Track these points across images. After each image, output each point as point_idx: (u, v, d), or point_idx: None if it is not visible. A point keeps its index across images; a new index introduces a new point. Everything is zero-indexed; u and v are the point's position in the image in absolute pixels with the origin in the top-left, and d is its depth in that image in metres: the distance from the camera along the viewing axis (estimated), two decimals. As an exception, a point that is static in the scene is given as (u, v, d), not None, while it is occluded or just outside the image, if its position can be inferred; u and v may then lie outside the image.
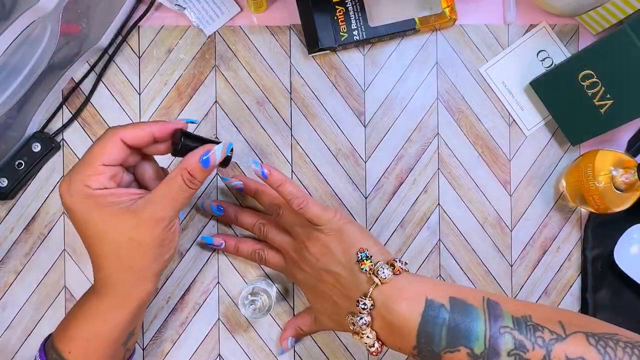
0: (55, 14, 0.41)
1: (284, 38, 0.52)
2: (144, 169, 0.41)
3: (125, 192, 0.37)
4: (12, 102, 0.44)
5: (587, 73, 0.47)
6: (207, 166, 0.37)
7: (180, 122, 0.39)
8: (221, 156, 0.38)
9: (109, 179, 0.37)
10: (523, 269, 0.53)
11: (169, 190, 0.37)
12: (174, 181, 0.37)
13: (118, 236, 0.36)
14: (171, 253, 0.40)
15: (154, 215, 0.36)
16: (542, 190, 0.53)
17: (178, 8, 0.50)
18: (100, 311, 0.39)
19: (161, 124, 0.38)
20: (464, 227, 0.53)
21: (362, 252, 0.42)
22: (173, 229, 0.39)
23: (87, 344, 0.39)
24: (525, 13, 0.53)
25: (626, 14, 0.47)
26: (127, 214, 0.36)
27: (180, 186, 0.37)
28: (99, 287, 0.39)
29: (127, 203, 0.36)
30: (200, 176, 0.37)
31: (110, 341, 0.39)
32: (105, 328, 0.39)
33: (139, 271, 0.38)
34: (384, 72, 0.53)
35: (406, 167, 0.53)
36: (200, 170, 0.37)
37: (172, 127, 0.39)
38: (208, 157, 0.37)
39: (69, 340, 0.39)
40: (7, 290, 0.51)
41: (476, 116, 0.53)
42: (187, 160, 0.37)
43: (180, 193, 0.37)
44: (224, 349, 0.52)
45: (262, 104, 0.52)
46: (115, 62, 0.52)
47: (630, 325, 0.53)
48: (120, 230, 0.36)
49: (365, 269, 0.41)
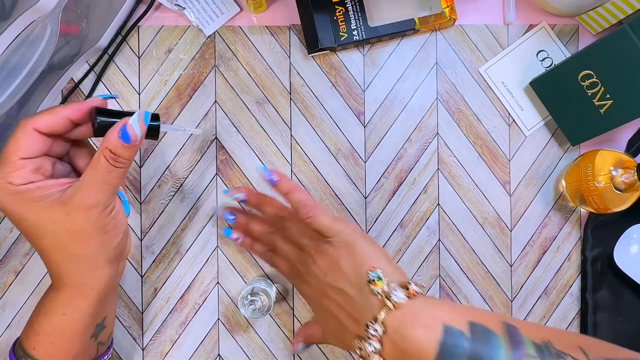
0: (55, 14, 0.41)
1: (283, 38, 0.52)
2: (78, 156, 0.39)
3: (53, 184, 0.35)
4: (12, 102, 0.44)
5: (587, 73, 0.47)
6: (129, 141, 0.34)
7: (96, 100, 0.37)
8: (140, 127, 0.35)
9: (33, 172, 0.35)
10: (523, 269, 0.53)
11: (94, 174, 0.35)
12: (98, 163, 0.34)
13: (55, 228, 0.35)
14: (120, 237, 0.38)
15: (84, 202, 0.35)
16: (542, 190, 0.53)
17: (178, 8, 0.50)
18: (58, 305, 0.38)
19: (74, 105, 0.36)
20: (463, 227, 0.53)
21: (374, 272, 0.38)
22: (113, 212, 0.37)
23: (50, 339, 0.38)
24: (525, 13, 0.53)
25: (626, 14, 0.47)
26: (57, 205, 0.34)
27: (105, 167, 0.34)
28: (54, 281, 0.38)
29: (56, 195, 0.35)
30: (125, 153, 0.35)
31: (74, 334, 0.39)
32: (67, 321, 0.38)
33: (87, 260, 0.37)
34: (383, 72, 0.53)
35: (406, 167, 0.53)
36: (122, 146, 0.34)
37: (87, 107, 0.36)
38: (126, 131, 0.34)
39: (33, 336, 0.39)
40: (7, 290, 0.51)
41: (476, 116, 0.53)
42: (106, 139, 0.34)
43: (107, 175, 0.35)
44: (224, 349, 0.52)
45: (262, 104, 0.52)
46: (115, 62, 0.52)
47: (630, 325, 0.53)
48: (55, 223, 0.35)
49: (377, 291, 0.37)
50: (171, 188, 0.52)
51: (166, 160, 0.52)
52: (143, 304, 0.52)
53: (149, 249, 0.52)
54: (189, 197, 0.52)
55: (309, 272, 0.42)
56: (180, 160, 0.52)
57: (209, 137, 0.52)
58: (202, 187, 0.52)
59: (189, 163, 0.52)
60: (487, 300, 0.53)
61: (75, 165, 0.39)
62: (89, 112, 0.36)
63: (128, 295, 0.52)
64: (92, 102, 0.36)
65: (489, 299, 0.53)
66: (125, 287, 0.52)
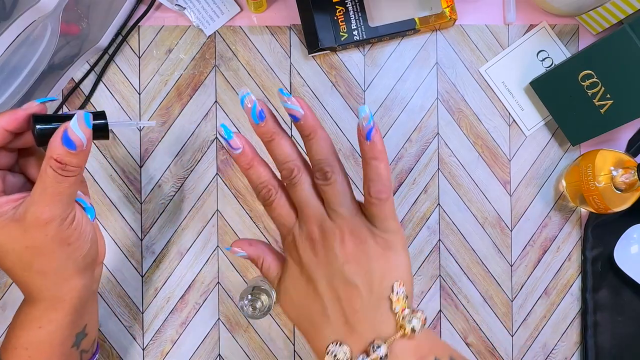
0: (55, 14, 0.41)
1: (284, 38, 0.52)
2: (29, 165, 0.36)
3: (5, 201, 0.33)
4: (12, 101, 0.44)
5: (587, 73, 0.47)
6: (74, 147, 0.30)
7: (32, 106, 0.33)
8: (82, 130, 0.31)
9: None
10: (523, 269, 0.53)
11: (44, 187, 0.31)
12: (46, 176, 0.31)
13: (14, 247, 0.33)
14: (87, 246, 0.36)
15: (38, 218, 0.32)
16: (542, 191, 0.53)
17: (178, 8, 0.50)
18: (33, 318, 0.37)
19: (8, 115, 0.32)
20: (464, 227, 0.53)
21: (401, 288, 0.33)
22: (74, 223, 0.34)
23: (28, 352, 0.37)
24: (525, 13, 0.53)
25: (626, 14, 0.47)
26: (11, 223, 0.32)
27: (54, 178, 0.31)
28: (26, 296, 0.37)
29: (10, 212, 0.32)
30: (73, 161, 0.31)
31: (52, 346, 0.37)
32: (43, 334, 0.37)
33: (55, 274, 0.35)
34: (384, 72, 0.53)
35: (406, 167, 0.53)
36: (68, 154, 0.30)
37: (23, 115, 0.32)
38: (68, 136, 0.30)
39: (11, 350, 0.38)
40: (7, 290, 0.51)
41: (476, 116, 0.53)
42: (50, 148, 0.31)
43: (57, 186, 0.31)
44: (224, 349, 0.52)
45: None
46: (115, 62, 0.52)
47: (630, 325, 0.53)
48: (13, 241, 0.33)
49: (397, 310, 0.32)
50: (171, 188, 0.52)
51: (166, 161, 0.52)
52: (143, 304, 0.52)
53: (149, 249, 0.52)
54: (189, 197, 0.52)
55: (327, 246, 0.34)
56: (181, 160, 0.52)
57: (210, 137, 0.52)
58: (202, 187, 0.52)
59: (189, 163, 0.52)
60: (487, 300, 0.53)
61: (28, 175, 0.37)
62: (27, 119, 0.33)
63: (128, 295, 0.52)
64: (29, 109, 0.33)
65: (489, 298, 0.53)
66: (125, 287, 0.52)
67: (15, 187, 0.36)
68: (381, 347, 0.31)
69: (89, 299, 0.39)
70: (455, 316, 0.53)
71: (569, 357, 0.53)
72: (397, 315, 0.32)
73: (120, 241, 0.52)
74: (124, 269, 0.52)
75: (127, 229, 0.52)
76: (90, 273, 0.38)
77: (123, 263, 0.52)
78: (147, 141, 0.52)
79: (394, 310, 0.32)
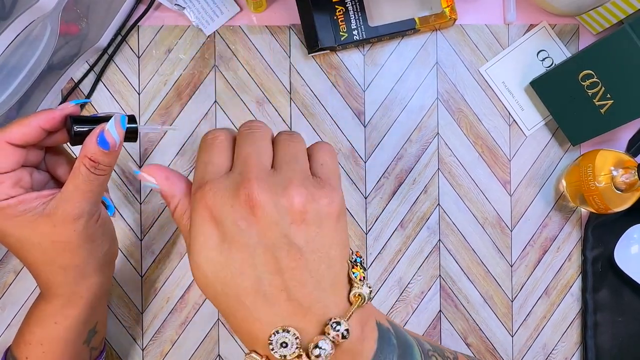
0: (55, 14, 0.41)
1: (283, 38, 0.52)
2: (55, 163, 0.38)
3: (35, 197, 0.34)
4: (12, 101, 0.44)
5: (587, 73, 0.47)
6: (108, 147, 0.33)
7: (67, 107, 0.35)
8: (117, 132, 0.33)
9: (13, 187, 0.33)
10: (523, 269, 0.53)
11: (76, 184, 0.33)
12: (79, 173, 0.33)
13: (40, 242, 0.34)
14: (108, 245, 0.38)
15: (69, 214, 0.34)
16: (542, 191, 0.53)
17: (178, 8, 0.50)
18: (49, 314, 0.38)
19: (47, 114, 0.34)
20: (464, 227, 0.53)
21: (359, 257, 0.30)
22: (100, 221, 0.36)
23: (42, 348, 0.38)
24: (525, 13, 0.53)
25: (626, 14, 0.47)
26: (41, 219, 0.34)
27: (86, 177, 0.33)
28: (44, 292, 0.38)
29: (39, 208, 0.34)
30: (105, 160, 0.33)
31: (67, 342, 0.38)
32: (58, 330, 0.38)
33: (75, 270, 0.37)
34: (383, 72, 0.53)
35: (406, 167, 0.53)
36: (101, 153, 0.33)
37: (60, 115, 0.34)
38: (104, 137, 0.33)
39: (25, 346, 0.38)
40: (6, 290, 0.51)
41: (476, 116, 0.53)
42: (85, 147, 0.33)
43: (89, 184, 0.33)
44: (224, 349, 0.52)
45: (262, 104, 0.52)
46: (115, 62, 0.52)
47: (630, 325, 0.53)
48: (40, 236, 0.34)
49: (357, 275, 0.29)
50: (171, 188, 0.52)
51: (166, 160, 0.52)
52: (143, 304, 0.52)
53: (149, 249, 0.52)
54: (189, 197, 0.52)
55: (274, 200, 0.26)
56: (180, 159, 0.52)
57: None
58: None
59: (189, 162, 0.52)
60: (487, 300, 0.53)
61: (53, 173, 0.38)
62: (62, 119, 0.35)
63: (128, 295, 0.52)
64: (65, 110, 0.35)
65: (489, 299, 0.53)
66: (125, 287, 0.52)
67: (41, 184, 0.37)
68: (341, 324, 0.26)
69: (102, 297, 0.41)
70: (455, 316, 0.53)
71: (569, 357, 0.53)
72: (356, 283, 0.28)
73: (120, 241, 0.52)
74: (123, 269, 0.52)
75: (126, 229, 0.52)
76: (107, 270, 0.39)
77: (123, 263, 0.52)
78: (146, 141, 0.52)
79: (353, 277, 0.28)
